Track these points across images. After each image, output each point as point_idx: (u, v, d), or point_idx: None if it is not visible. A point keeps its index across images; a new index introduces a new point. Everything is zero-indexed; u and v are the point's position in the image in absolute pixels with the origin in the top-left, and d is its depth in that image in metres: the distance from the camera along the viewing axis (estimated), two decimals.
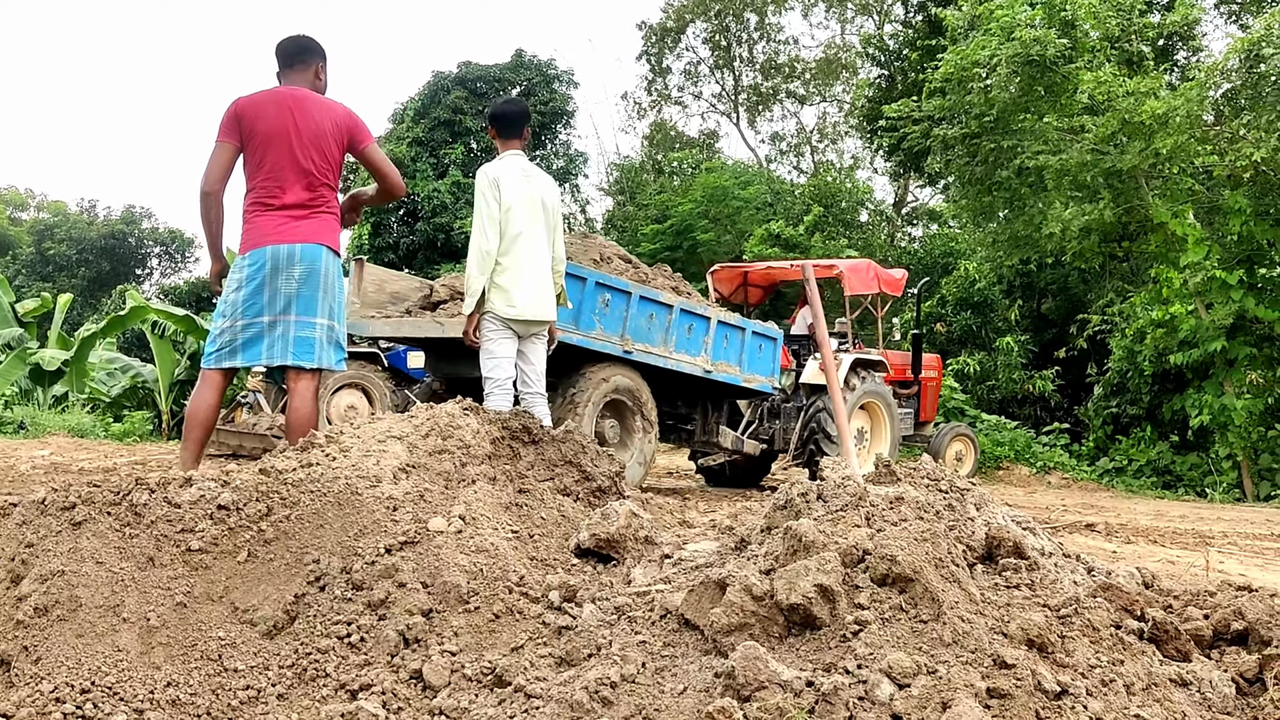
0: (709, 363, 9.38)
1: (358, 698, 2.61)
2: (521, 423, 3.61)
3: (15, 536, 2.94)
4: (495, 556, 3.02)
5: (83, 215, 44.45)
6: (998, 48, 11.84)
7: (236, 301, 4.40)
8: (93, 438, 16.05)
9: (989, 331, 20.32)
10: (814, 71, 38.71)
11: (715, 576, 2.55)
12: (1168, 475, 12.96)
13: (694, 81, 41.01)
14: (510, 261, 5.57)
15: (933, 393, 12.78)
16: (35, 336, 19.63)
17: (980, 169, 13.08)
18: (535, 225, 5.64)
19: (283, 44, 4.66)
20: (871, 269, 11.43)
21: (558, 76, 34.63)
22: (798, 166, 40.57)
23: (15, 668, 2.62)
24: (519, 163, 5.70)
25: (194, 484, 3.08)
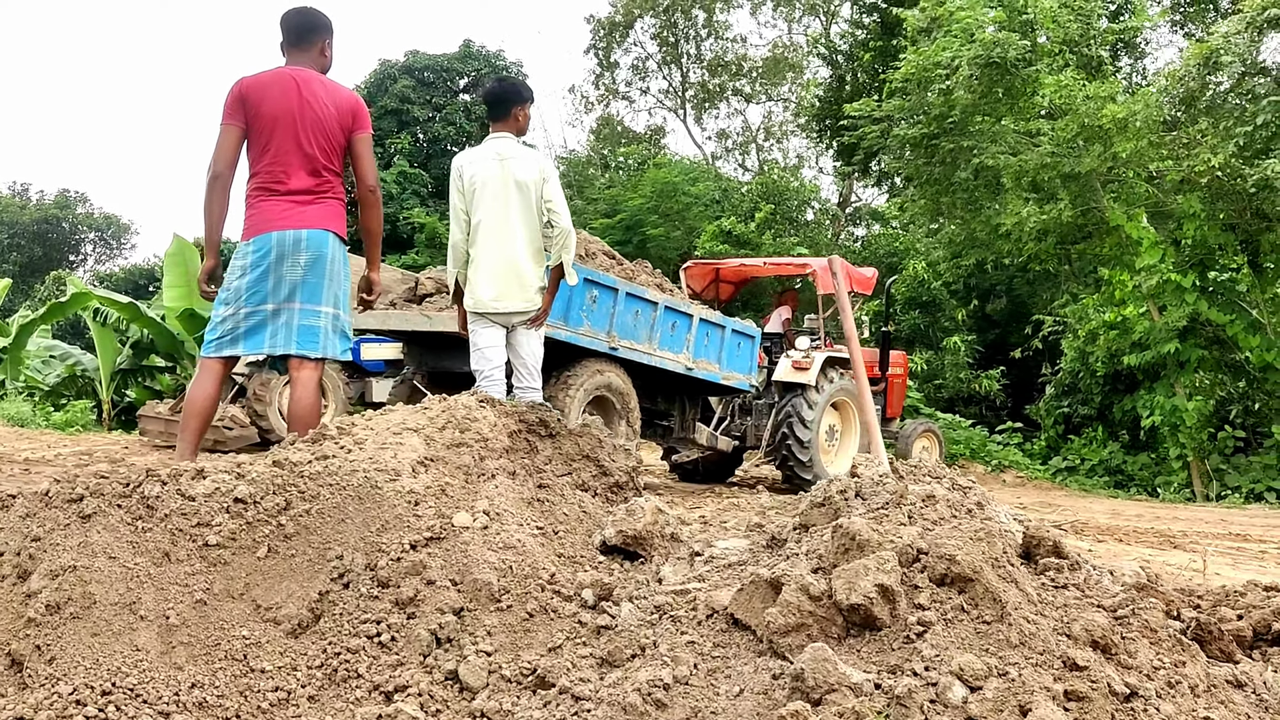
0: (690, 360, 9.32)
1: (393, 699, 2.51)
2: (538, 416, 3.52)
3: (19, 529, 2.80)
4: (523, 553, 2.93)
5: (14, 199, 43.19)
6: (960, 49, 11.92)
7: (240, 288, 4.24)
8: (33, 427, 15.59)
9: (936, 331, 20.52)
10: (761, 70, 38.83)
11: (766, 576, 2.49)
12: (1119, 475, 13.17)
13: (641, 77, 40.92)
14: (475, 253, 5.42)
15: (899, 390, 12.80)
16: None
17: (939, 169, 13.18)
18: (507, 211, 5.40)
19: (289, 18, 4.45)
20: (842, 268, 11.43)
21: (506, 68, 34.38)
22: (743, 164, 40.67)
23: (29, 668, 2.49)
24: (496, 146, 5.48)
25: (207, 476, 2.95)
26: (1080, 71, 12.41)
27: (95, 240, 45.17)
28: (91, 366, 18.60)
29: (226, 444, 12.06)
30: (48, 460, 11.10)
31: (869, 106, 13.53)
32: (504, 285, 5.36)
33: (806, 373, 10.11)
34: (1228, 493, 12.05)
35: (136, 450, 12.51)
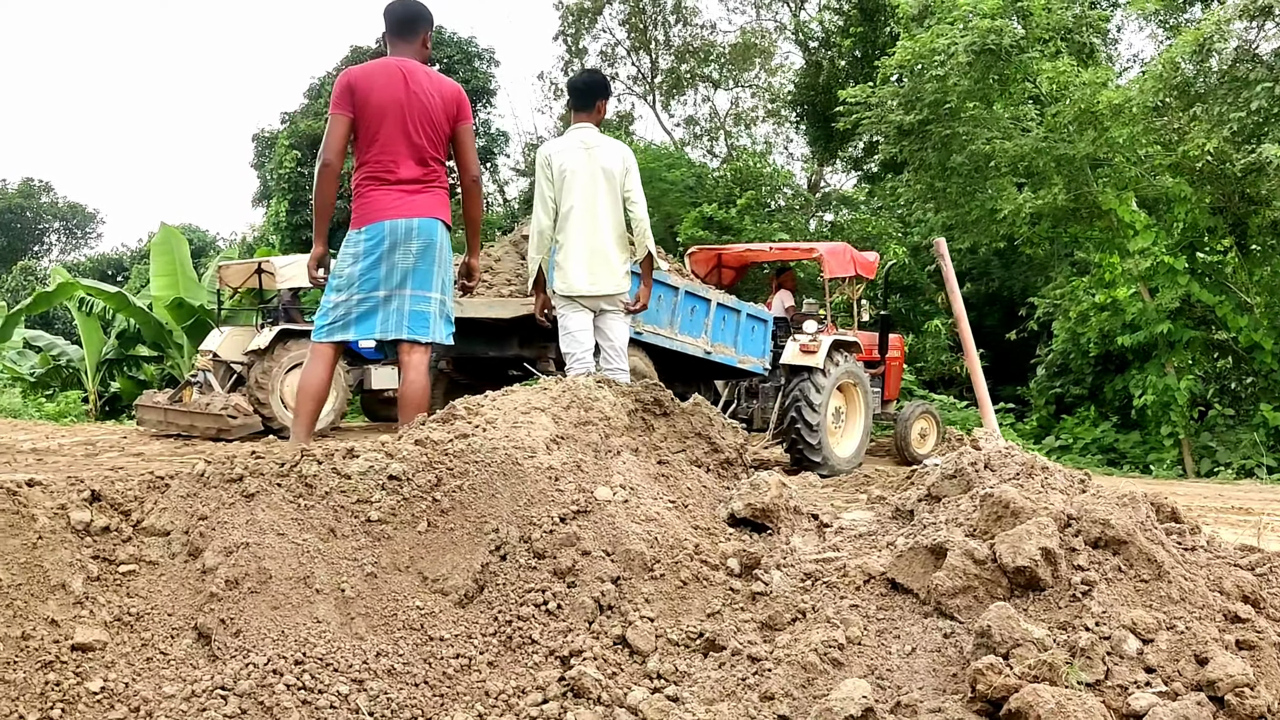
0: (709, 344, 9.44)
1: (570, 663, 2.63)
2: (653, 395, 3.64)
3: (183, 509, 2.88)
4: (664, 525, 3.06)
5: None
6: (956, 36, 12.12)
7: (353, 275, 4.32)
8: (26, 418, 15.50)
9: (916, 315, 20.80)
10: (729, 56, 38.92)
11: (927, 542, 2.63)
12: (1112, 453, 13.48)
13: (610, 63, 40.87)
14: (564, 238, 5.54)
15: (896, 372, 12.98)
16: None
17: (933, 155, 13.40)
18: (595, 198, 5.55)
19: (395, 10, 4.52)
20: (848, 252, 11.59)
21: (478, 54, 34.28)
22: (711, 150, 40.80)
23: (216, 641, 2.58)
24: (581, 135, 5.63)
25: (359, 455, 3.05)
26: (1072, 58, 12.66)
27: (60, 230, 44.65)
28: (76, 357, 18.47)
29: (230, 432, 12.09)
30: (53, 451, 11.08)
31: (864, 92, 13.72)
32: (597, 269, 5.51)
33: (814, 355, 10.18)
34: (1219, 469, 12.38)
35: (137, 440, 12.51)
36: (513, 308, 8.16)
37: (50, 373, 18.93)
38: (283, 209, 29.58)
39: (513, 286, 8.62)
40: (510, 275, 8.85)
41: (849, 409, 11.06)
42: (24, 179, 43.93)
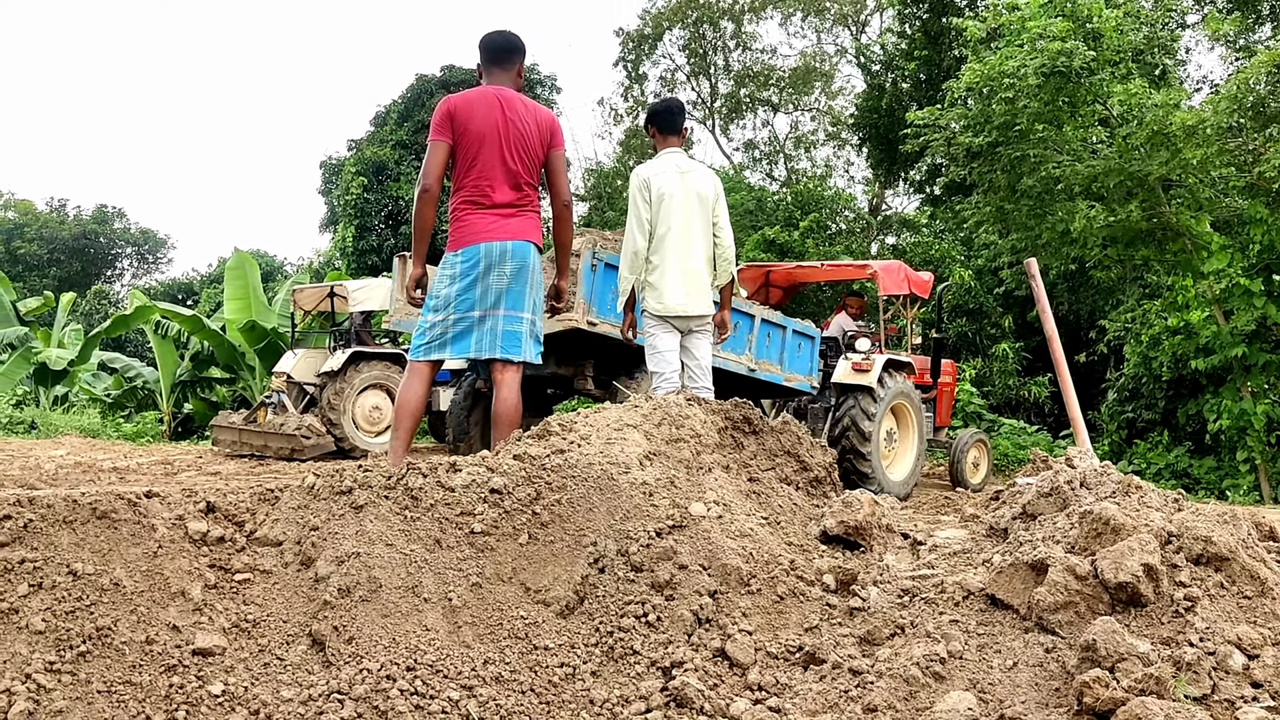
0: (753, 361, 9.17)
1: (672, 674, 2.68)
2: (742, 413, 3.69)
3: (295, 520, 2.98)
4: (758, 541, 3.11)
5: (53, 214, 43.75)
6: (1026, 59, 12.08)
7: (449, 296, 4.45)
8: (104, 438, 15.87)
9: (983, 338, 20.65)
10: (789, 80, 39.01)
11: (1027, 559, 2.65)
12: (1185, 478, 13.26)
13: (670, 89, 41.12)
14: (660, 259, 5.62)
15: (948, 398, 12.63)
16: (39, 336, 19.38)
17: (1003, 177, 13.33)
18: (689, 222, 5.66)
19: (493, 40, 4.69)
20: (902, 270, 11.34)
21: (540, 81, 34.67)
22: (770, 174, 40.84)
23: (330, 647, 2.66)
24: (675, 160, 5.74)
25: (461, 469, 3.13)
26: (1144, 79, 12.55)
27: (132, 255, 45.70)
28: (151, 378, 18.89)
29: (304, 452, 12.31)
30: (132, 470, 11.35)
31: (931, 115, 13.69)
32: (691, 290, 5.60)
33: (867, 374, 9.90)
34: None
35: (213, 459, 12.77)
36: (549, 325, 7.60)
37: (126, 394, 19.38)
38: (349, 234, 30.09)
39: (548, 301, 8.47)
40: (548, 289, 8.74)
41: (902, 431, 10.77)
42: (98, 205, 45.09)
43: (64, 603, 2.50)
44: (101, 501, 2.72)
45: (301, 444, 12.26)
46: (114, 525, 2.70)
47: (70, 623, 2.47)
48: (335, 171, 31.69)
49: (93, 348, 18.88)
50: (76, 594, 2.52)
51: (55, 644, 2.43)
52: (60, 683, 2.37)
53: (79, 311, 29.77)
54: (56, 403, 19.10)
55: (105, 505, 2.71)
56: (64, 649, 2.43)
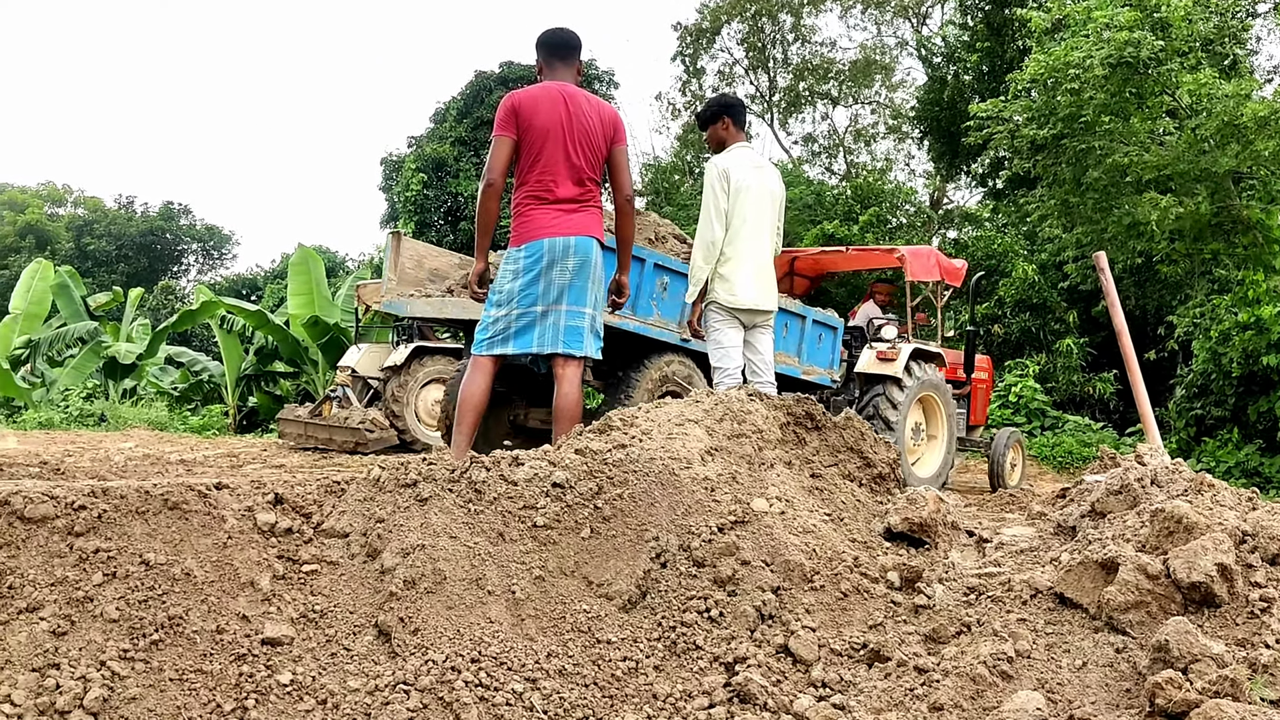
0: None
1: (735, 669, 2.67)
2: (804, 409, 3.67)
3: (361, 512, 3.01)
4: (821, 537, 3.09)
5: (121, 211, 44.64)
6: (1091, 49, 11.86)
7: (512, 291, 4.49)
8: (171, 431, 16.17)
9: (1047, 334, 20.34)
10: (849, 73, 38.71)
11: (1097, 557, 2.60)
12: (1256, 477, 12.95)
13: (728, 82, 40.97)
14: (734, 251, 5.61)
15: (983, 396, 11.88)
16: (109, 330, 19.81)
17: (1068, 170, 13.10)
18: (762, 216, 5.68)
19: (551, 38, 4.72)
20: (933, 256, 10.69)
21: (598, 76, 34.69)
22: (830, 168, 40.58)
23: (396, 638, 2.69)
24: (749, 155, 5.77)
25: (524, 463, 3.15)
26: (1214, 69, 12.28)
27: (198, 251, 46.50)
28: (217, 372, 19.20)
29: (368, 445, 12.45)
30: (199, 462, 11.55)
31: (995, 107, 13.49)
32: (762, 285, 5.63)
33: (892, 364, 9.30)
34: None
35: (277, 452, 12.96)
36: None
37: (192, 387, 19.73)
38: (409, 230, 30.34)
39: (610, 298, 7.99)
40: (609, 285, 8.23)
41: (930, 426, 10.16)
42: (164, 202, 45.93)
43: (137, 592, 2.55)
44: (173, 493, 2.77)
45: (365, 438, 12.41)
46: (185, 516, 2.75)
47: (143, 611, 2.52)
48: (395, 168, 31.97)
49: (160, 342, 19.24)
50: (149, 583, 2.57)
51: (129, 632, 2.48)
52: (134, 670, 2.41)
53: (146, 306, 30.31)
54: (125, 396, 19.49)
55: (177, 496, 2.76)
56: (137, 637, 2.48)
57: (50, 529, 2.59)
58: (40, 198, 46.80)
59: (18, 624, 2.42)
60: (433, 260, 8.62)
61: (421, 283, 8.44)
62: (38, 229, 41.46)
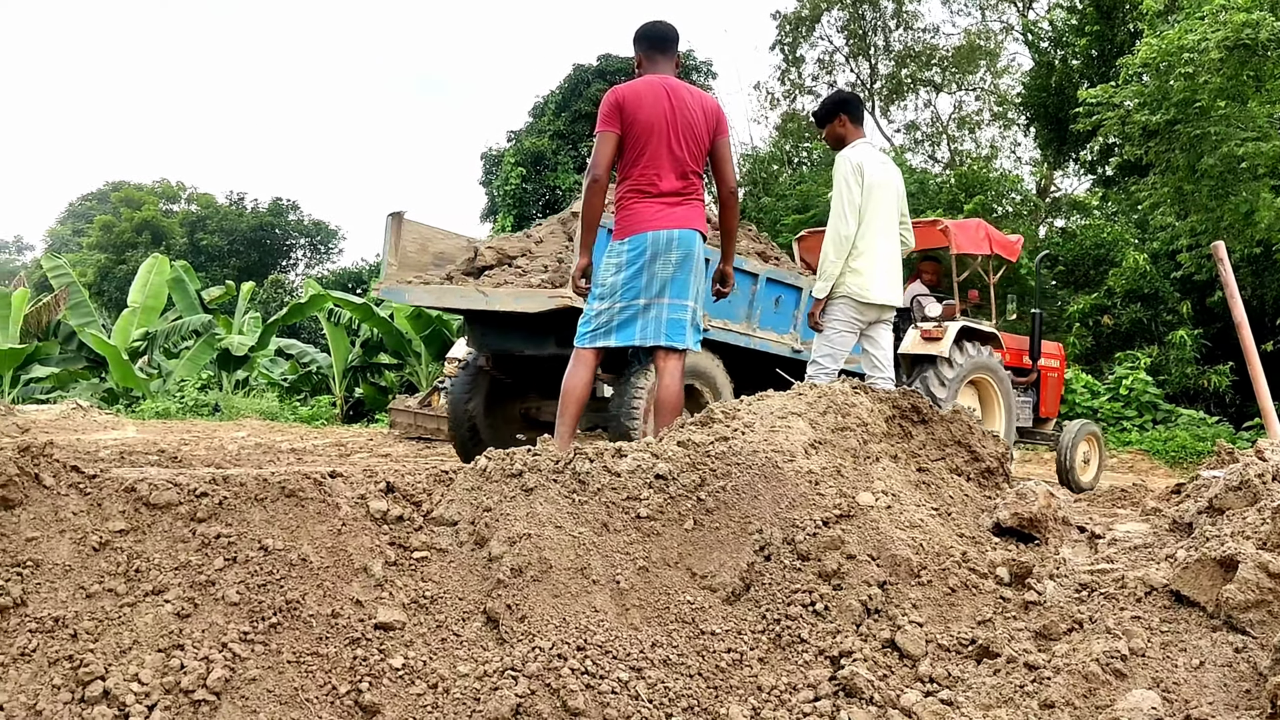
0: (798, 341, 8.14)
1: (840, 663, 2.66)
2: (910, 402, 3.64)
3: (468, 501, 3.06)
4: (928, 532, 3.06)
5: (232, 207, 45.95)
6: (1207, 31, 11.48)
7: (616, 284, 4.54)
8: (282, 421, 16.62)
9: (1159, 325, 19.77)
10: (952, 59, 38.01)
11: (1215, 555, 2.53)
12: None
13: (828, 71, 40.52)
14: (866, 246, 5.59)
15: (1054, 385, 11.04)
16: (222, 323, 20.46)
17: (1182, 157, 12.71)
18: (891, 211, 5.69)
19: (650, 31, 4.76)
20: (983, 228, 9.94)
21: (695, 67, 34.61)
22: (933, 156, 39.92)
23: (503, 625, 2.73)
24: (874, 151, 5.77)
25: (627, 454, 3.17)
26: None
27: (306, 245, 47.62)
28: (325, 364, 19.67)
29: (437, 435, 12.69)
30: (309, 451, 11.85)
31: (1104, 92, 13.15)
32: (893, 281, 5.64)
33: (938, 344, 8.65)
34: None
35: (383, 441, 13.25)
36: (540, 300, 6.84)
37: (301, 378, 20.26)
38: (508, 224, 30.69)
39: (547, 274, 7.24)
40: (549, 260, 7.49)
41: (985, 412, 9.46)
42: (274, 198, 47.11)
43: (256, 576, 2.63)
44: (290, 480, 2.85)
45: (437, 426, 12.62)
46: (301, 503, 2.83)
47: (262, 595, 2.60)
48: (495, 162, 32.34)
49: (271, 334, 19.81)
50: (267, 568, 2.65)
51: (249, 615, 2.56)
52: (253, 652, 2.49)
53: (257, 300, 31.16)
54: (237, 387, 20.10)
55: (293, 484, 2.85)
56: (256, 620, 2.55)
57: (174, 515, 2.69)
58: (155, 195, 48.39)
59: (144, 605, 2.51)
60: (438, 243, 8.18)
61: (425, 267, 8.01)
62: (154, 225, 42.86)
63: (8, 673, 2.27)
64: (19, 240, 72.71)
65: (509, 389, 8.26)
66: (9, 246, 71.17)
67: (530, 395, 8.26)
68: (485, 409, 8.25)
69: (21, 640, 2.32)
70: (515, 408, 8.35)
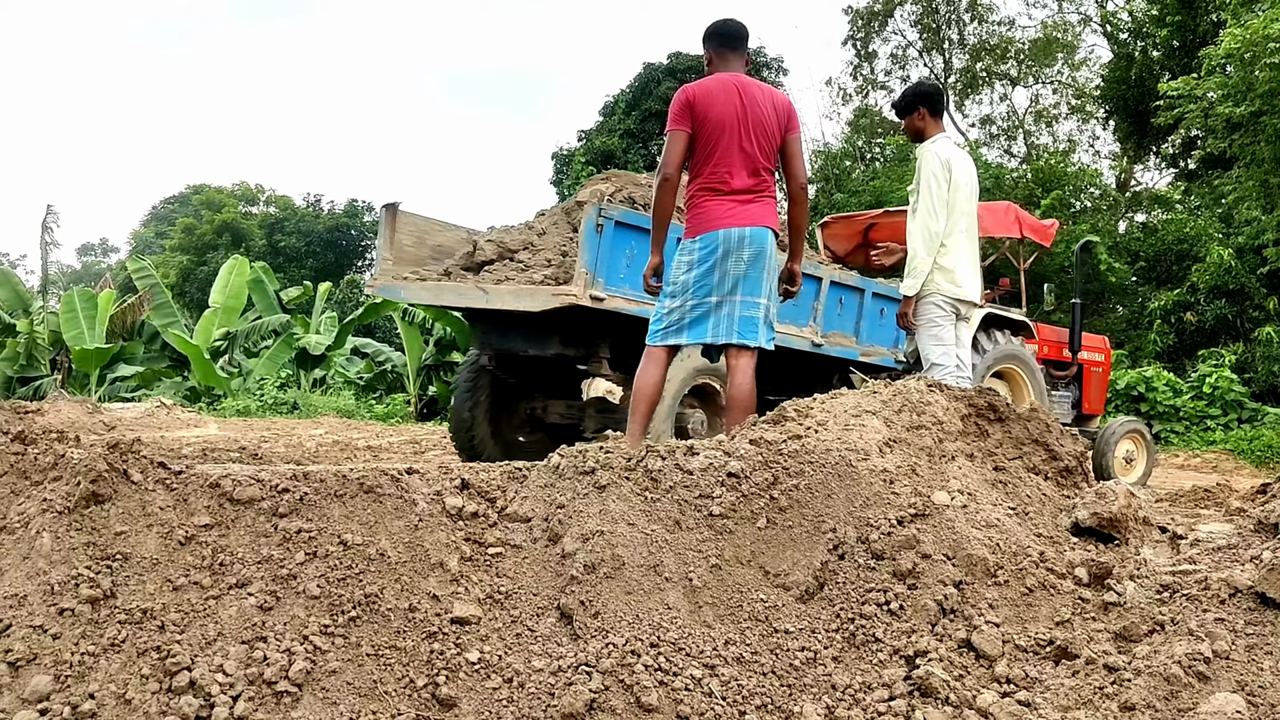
0: (818, 334, 7.75)
1: (915, 663, 2.64)
2: (986, 400, 3.60)
3: (541, 498, 3.09)
4: (1005, 532, 3.02)
5: (309, 209, 46.72)
6: None
7: (687, 282, 4.55)
8: (358, 418, 16.88)
9: (1244, 321, 19.29)
10: (1029, 52, 37.38)
11: None
12: None
13: (901, 66, 40.09)
14: (954, 243, 5.57)
15: (1098, 380, 10.47)
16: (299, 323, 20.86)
17: (1267, 149, 12.38)
18: (972, 206, 5.68)
19: (720, 29, 4.77)
20: (1012, 211, 9.52)
21: (766, 64, 34.44)
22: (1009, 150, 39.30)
23: (577, 620, 2.75)
24: (955, 146, 5.74)
25: (699, 453, 3.18)
26: None
27: None
28: (399, 362, 19.94)
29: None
30: (384, 448, 12.02)
31: (1186, 84, 12.85)
32: (978, 278, 5.64)
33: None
34: None
35: None
36: (543, 298, 6.40)
37: (377, 377, 20.57)
38: None
39: (550, 269, 6.81)
40: (553, 253, 7.03)
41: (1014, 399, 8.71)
42: (349, 200, 47.81)
43: (336, 570, 2.68)
44: (368, 477, 2.90)
45: None
46: (379, 499, 2.88)
47: (341, 589, 2.65)
48: (565, 162, 32.48)
49: (347, 334, 20.13)
50: (347, 562, 2.70)
51: (329, 608, 2.61)
52: (334, 644, 2.54)
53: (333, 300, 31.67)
54: (315, 385, 20.48)
55: (371, 480, 2.90)
56: (336, 613, 2.60)
57: (256, 510, 2.75)
58: (235, 197, 49.35)
59: (228, 599, 2.57)
60: (436, 235, 7.77)
61: (423, 261, 7.59)
62: (234, 227, 43.74)
63: (98, 662, 2.34)
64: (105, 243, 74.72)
65: (513, 389, 8.04)
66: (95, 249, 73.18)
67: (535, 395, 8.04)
68: (488, 410, 8.05)
69: (111, 631, 2.39)
70: (520, 408, 8.11)
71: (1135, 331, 21.37)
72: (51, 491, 2.61)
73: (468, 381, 8.04)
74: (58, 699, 2.24)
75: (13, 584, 2.41)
